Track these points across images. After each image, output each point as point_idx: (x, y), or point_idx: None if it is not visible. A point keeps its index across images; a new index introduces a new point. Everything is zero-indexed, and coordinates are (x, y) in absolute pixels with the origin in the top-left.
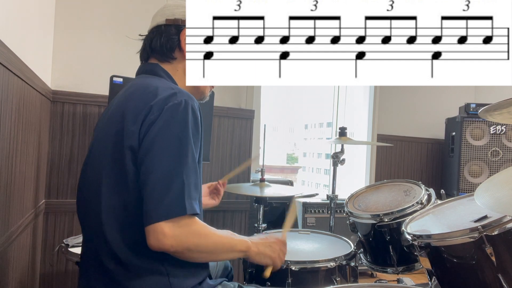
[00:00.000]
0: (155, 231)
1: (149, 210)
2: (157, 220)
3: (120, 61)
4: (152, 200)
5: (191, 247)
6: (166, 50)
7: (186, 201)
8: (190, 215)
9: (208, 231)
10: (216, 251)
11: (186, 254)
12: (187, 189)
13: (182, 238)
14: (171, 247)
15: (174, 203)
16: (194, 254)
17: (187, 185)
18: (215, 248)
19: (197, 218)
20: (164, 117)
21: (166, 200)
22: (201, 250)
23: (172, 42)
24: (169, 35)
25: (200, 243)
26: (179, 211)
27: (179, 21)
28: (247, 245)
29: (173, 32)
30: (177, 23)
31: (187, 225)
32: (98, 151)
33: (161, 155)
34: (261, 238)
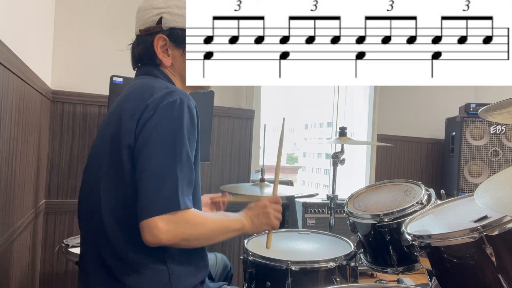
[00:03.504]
0: (150, 226)
1: (143, 206)
2: (151, 215)
3: (120, 61)
4: (147, 196)
5: (188, 237)
6: (148, 60)
7: (180, 196)
8: (183, 209)
9: (203, 219)
10: (213, 236)
11: (183, 243)
12: (180, 185)
13: (177, 231)
14: (167, 240)
15: (168, 198)
16: (191, 243)
17: (181, 180)
18: (212, 233)
19: (191, 210)
20: (159, 115)
21: (160, 195)
22: (198, 237)
23: (149, 52)
24: (146, 45)
25: (195, 232)
26: (172, 206)
27: (150, 29)
28: (241, 223)
29: (148, 41)
30: (149, 32)
31: (181, 218)
32: (97, 152)
33: (155, 152)
34: (252, 208)
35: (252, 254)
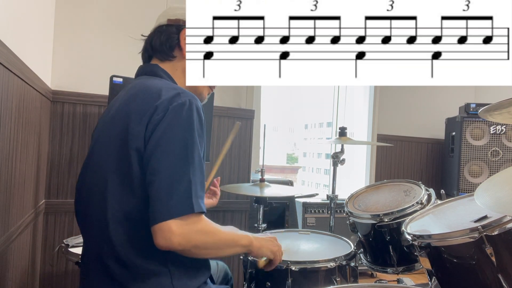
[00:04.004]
0: (163, 229)
1: (156, 209)
2: (165, 219)
3: (120, 61)
4: (160, 199)
5: (198, 244)
6: (166, 49)
7: (194, 199)
8: (197, 213)
9: (214, 229)
10: (221, 247)
11: (192, 251)
12: (194, 188)
13: (190, 236)
14: (179, 245)
15: (181, 201)
16: (200, 251)
17: (194, 183)
18: (221, 244)
19: (203, 216)
20: (169, 117)
21: (174, 198)
22: (208, 247)
23: (171, 40)
24: (169, 34)
25: (206, 240)
26: (186, 209)
27: (180, 21)
28: (249, 240)
29: (174, 31)
30: (178, 23)
31: (194, 223)
32: (101, 155)
33: (168, 154)
34: (261, 235)
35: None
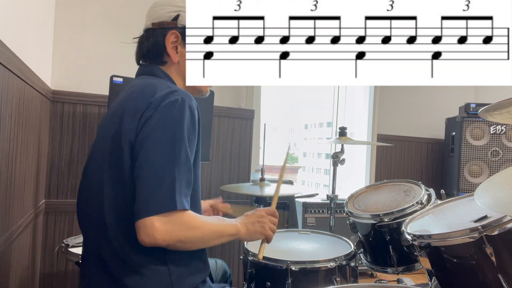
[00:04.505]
0: (146, 225)
1: (139, 205)
2: (148, 215)
3: (120, 61)
4: (143, 195)
5: (183, 239)
6: (154, 55)
7: (177, 196)
8: (180, 210)
9: (199, 222)
10: (208, 240)
11: (178, 245)
12: (178, 185)
13: (173, 232)
14: (162, 241)
15: (164, 198)
16: (186, 245)
17: (178, 181)
18: (206, 237)
19: (188, 211)
20: (159, 114)
21: (157, 195)
22: (193, 241)
23: (158, 47)
24: (156, 39)
25: (191, 235)
26: (169, 206)
27: (164, 24)
28: (236, 228)
29: (159, 36)
30: (162, 26)
31: (177, 219)
32: (98, 153)
33: (154, 150)
34: (248, 216)
35: (252, 254)
